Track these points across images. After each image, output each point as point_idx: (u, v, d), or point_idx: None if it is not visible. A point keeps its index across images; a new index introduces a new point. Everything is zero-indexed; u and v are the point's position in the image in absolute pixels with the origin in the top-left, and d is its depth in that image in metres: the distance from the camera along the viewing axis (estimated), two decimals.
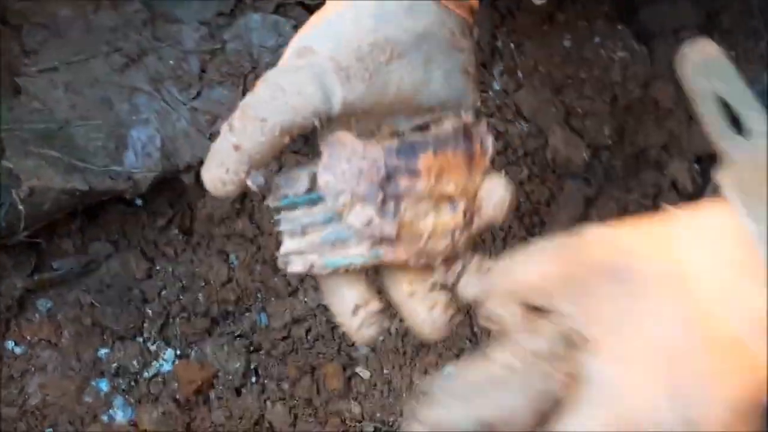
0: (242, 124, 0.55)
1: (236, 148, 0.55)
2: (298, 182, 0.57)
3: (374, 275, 0.62)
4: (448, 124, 0.59)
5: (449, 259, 0.60)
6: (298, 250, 0.58)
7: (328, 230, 0.57)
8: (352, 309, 0.59)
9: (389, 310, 0.62)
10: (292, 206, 0.58)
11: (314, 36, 0.58)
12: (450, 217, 0.58)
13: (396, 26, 0.58)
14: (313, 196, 0.57)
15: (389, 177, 0.56)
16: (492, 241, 1.03)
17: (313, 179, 0.57)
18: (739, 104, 0.49)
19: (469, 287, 0.59)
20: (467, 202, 0.59)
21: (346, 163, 0.56)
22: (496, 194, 0.59)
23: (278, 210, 0.59)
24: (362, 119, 0.58)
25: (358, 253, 0.57)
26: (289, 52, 0.59)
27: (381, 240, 0.57)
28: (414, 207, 0.57)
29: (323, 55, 0.56)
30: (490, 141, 0.60)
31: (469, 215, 0.59)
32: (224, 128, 0.56)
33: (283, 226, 0.58)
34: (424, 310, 0.60)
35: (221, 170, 0.55)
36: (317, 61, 0.56)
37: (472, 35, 0.63)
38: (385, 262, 0.58)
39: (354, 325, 0.59)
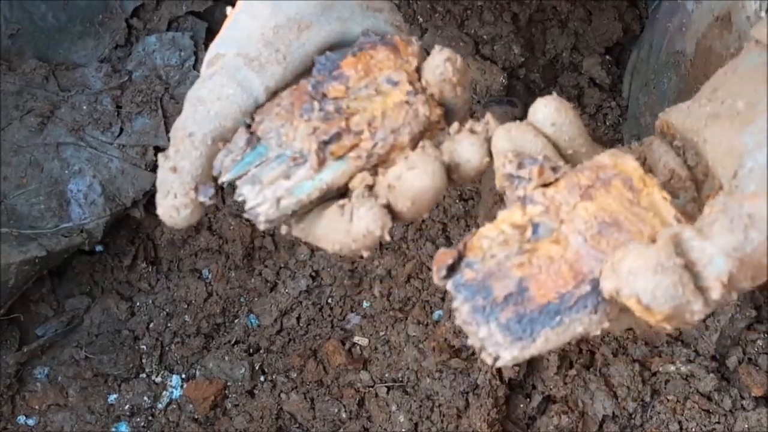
0: (175, 147, 0.56)
1: (174, 170, 0.55)
2: (236, 142, 0.57)
3: None
4: (361, 37, 0.59)
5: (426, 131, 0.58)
6: (262, 199, 0.55)
7: (283, 165, 0.56)
8: (340, 213, 0.54)
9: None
10: (245, 170, 0.56)
11: (220, 42, 0.59)
12: (397, 90, 0.57)
13: (294, 3, 0.58)
14: (259, 149, 0.56)
15: (317, 89, 0.57)
16: None
17: (248, 130, 0.57)
18: None
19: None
20: (408, 74, 0.58)
21: (277, 106, 0.57)
22: (438, 58, 0.57)
23: (235, 184, 0.56)
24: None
25: (321, 168, 0.56)
26: (203, 67, 0.60)
27: (338, 144, 0.56)
28: (355, 100, 0.57)
29: (231, 54, 0.57)
30: (413, 38, 0.60)
31: (418, 85, 0.58)
32: (160, 160, 0.56)
33: (242, 188, 0.56)
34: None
35: (170, 198, 0.55)
36: (227, 62, 0.57)
37: None
38: (354, 165, 0.56)
39: (345, 227, 0.54)
